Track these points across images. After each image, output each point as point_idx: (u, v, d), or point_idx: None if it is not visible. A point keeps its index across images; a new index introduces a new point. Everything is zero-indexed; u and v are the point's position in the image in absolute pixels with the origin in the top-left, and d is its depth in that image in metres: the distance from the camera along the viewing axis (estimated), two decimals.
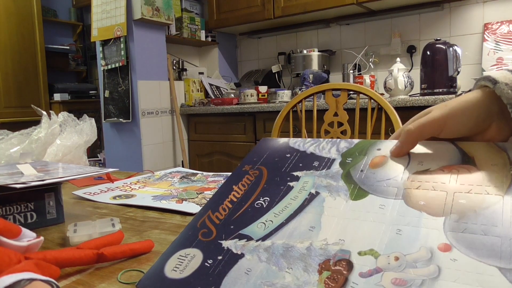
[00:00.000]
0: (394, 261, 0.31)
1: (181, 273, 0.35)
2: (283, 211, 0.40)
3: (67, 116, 1.00)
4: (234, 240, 0.37)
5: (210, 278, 0.33)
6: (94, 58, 3.97)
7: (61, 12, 4.03)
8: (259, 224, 0.39)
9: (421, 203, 0.35)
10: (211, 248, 0.37)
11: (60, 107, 3.55)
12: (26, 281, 0.31)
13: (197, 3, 3.30)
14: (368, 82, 2.42)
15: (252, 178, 0.46)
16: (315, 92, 1.44)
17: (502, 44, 2.28)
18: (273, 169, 0.47)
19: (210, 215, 0.42)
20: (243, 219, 0.40)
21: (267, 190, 0.43)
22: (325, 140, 0.49)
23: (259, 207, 0.41)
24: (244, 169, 0.48)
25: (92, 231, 0.51)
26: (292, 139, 0.52)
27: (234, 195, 0.44)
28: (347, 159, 0.45)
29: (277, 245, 0.35)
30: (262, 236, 0.37)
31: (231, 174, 0.49)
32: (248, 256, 0.35)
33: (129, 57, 2.54)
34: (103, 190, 0.83)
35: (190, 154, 2.91)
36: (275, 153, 0.50)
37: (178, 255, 0.37)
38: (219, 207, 0.43)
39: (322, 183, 0.42)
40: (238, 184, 0.46)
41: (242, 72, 3.38)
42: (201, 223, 0.41)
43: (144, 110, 2.60)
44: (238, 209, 0.42)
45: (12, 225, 0.42)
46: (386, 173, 0.41)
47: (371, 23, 2.77)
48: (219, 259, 0.35)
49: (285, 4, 2.66)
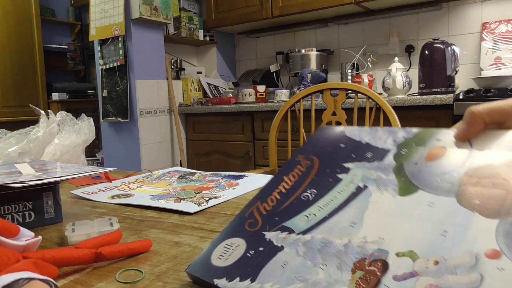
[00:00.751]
0: (433, 265, 0.28)
1: (225, 262, 0.36)
2: (327, 204, 0.39)
3: (65, 116, 1.00)
4: (277, 232, 0.38)
5: (249, 269, 0.34)
6: (92, 58, 3.96)
7: (59, 11, 4.02)
8: (302, 217, 0.38)
9: (476, 202, 0.32)
10: (254, 238, 0.38)
11: (58, 107, 3.55)
12: (25, 281, 0.31)
13: (195, 3, 3.29)
14: (366, 81, 2.42)
15: (303, 168, 0.45)
16: (313, 92, 1.44)
17: (500, 43, 2.29)
18: (325, 160, 0.45)
19: (258, 205, 0.42)
20: (289, 211, 0.40)
21: (316, 182, 0.43)
22: (383, 129, 0.46)
23: (305, 199, 0.41)
24: (297, 159, 0.47)
25: (90, 230, 0.51)
26: (349, 128, 0.49)
27: (283, 186, 0.44)
28: (402, 150, 0.41)
29: (316, 240, 0.35)
30: (303, 230, 0.37)
31: (285, 163, 0.48)
32: (287, 249, 0.35)
33: (127, 57, 2.53)
34: (101, 190, 0.83)
35: (188, 154, 2.91)
36: (330, 143, 0.48)
37: (225, 243, 0.39)
38: (267, 197, 0.43)
39: (372, 176, 0.40)
40: (289, 175, 0.45)
41: (240, 72, 3.38)
42: (250, 214, 0.42)
43: (142, 110, 2.60)
44: (285, 201, 0.42)
45: (10, 225, 0.42)
46: (442, 167, 0.37)
47: (369, 22, 2.77)
48: (260, 250, 0.36)
49: (283, 3, 2.67)
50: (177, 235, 0.54)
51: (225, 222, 0.59)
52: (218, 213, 0.64)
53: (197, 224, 0.58)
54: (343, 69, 2.64)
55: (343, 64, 2.65)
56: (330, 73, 2.90)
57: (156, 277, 0.40)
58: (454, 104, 1.85)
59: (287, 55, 2.97)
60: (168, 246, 0.49)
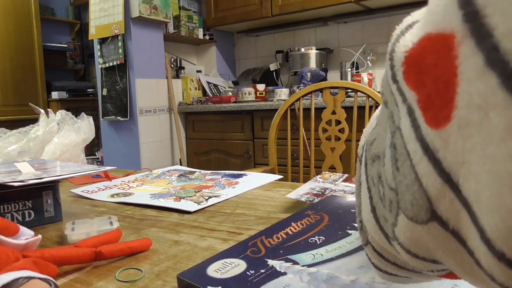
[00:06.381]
0: None
1: (222, 275, 0.35)
2: (335, 249, 0.39)
3: (65, 114, 1.00)
4: (280, 261, 0.37)
5: (248, 284, 0.33)
6: (92, 56, 3.96)
7: (59, 10, 4.02)
8: (308, 255, 0.38)
9: None
10: (256, 262, 0.37)
11: (58, 105, 3.54)
12: (24, 279, 0.31)
13: (195, 1, 3.29)
14: (366, 80, 2.42)
15: (312, 220, 0.46)
16: (313, 90, 1.44)
17: None
18: (335, 218, 0.47)
19: (263, 239, 0.42)
20: (294, 248, 0.40)
21: (324, 232, 0.43)
22: None
23: (312, 242, 0.41)
24: (306, 213, 0.49)
25: (90, 229, 0.51)
26: None
27: (291, 229, 0.44)
28: None
29: (322, 273, 0.34)
30: (308, 264, 0.36)
31: (293, 214, 0.49)
32: (291, 275, 0.34)
33: (127, 55, 2.53)
34: (101, 188, 0.83)
35: (188, 152, 2.91)
36: (341, 207, 0.50)
37: (223, 261, 0.38)
38: (273, 235, 0.43)
39: None
40: (297, 222, 0.46)
41: (240, 70, 3.37)
42: (253, 244, 0.41)
43: (142, 108, 2.60)
44: (291, 240, 0.42)
45: (10, 223, 0.42)
46: None
47: (369, 21, 2.77)
48: (261, 272, 0.35)
49: (282, 2, 2.66)
50: (176, 234, 0.54)
51: (225, 221, 0.59)
52: (218, 212, 0.64)
53: (197, 223, 0.58)
54: (342, 68, 2.64)
55: (342, 62, 2.65)
56: (329, 71, 2.90)
57: (155, 276, 0.40)
58: None
59: (287, 53, 2.97)
60: (167, 245, 0.49)
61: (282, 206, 0.66)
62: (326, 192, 0.66)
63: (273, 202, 0.69)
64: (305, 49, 2.76)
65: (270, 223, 0.57)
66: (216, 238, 0.52)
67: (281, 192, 0.75)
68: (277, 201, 0.69)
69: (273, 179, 0.86)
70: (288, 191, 0.73)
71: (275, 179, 0.86)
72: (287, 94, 2.68)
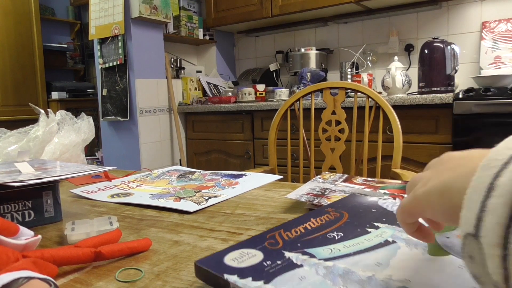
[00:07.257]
0: None
1: (239, 264, 0.36)
2: (353, 245, 0.39)
3: (65, 115, 1.00)
4: (297, 254, 0.37)
5: (263, 274, 0.34)
6: (92, 57, 3.96)
7: (59, 10, 4.01)
8: (325, 249, 0.38)
9: None
10: (273, 254, 0.37)
11: (58, 106, 3.54)
12: (24, 280, 0.31)
13: (195, 2, 3.29)
14: (366, 80, 2.42)
15: (331, 217, 0.46)
16: (313, 91, 1.44)
17: (500, 42, 2.29)
18: (354, 216, 0.47)
19: (281, 232, 0.42)
20: (312, 242, 0.40)
21: (343, 228, 0.43)
22: None
23: (330, 238, 0.41)
24: (326, 210, 0.49)
25: (89, 229, 0.51)
26: (382, 200, 0.51)
27: (309, 225, 0.44)
28: None
29: (338, 267, 0.35)
30: (325, 258, 0.36)
31: (312, 211, 0.48)
32: (307, 267, 0.35)
33: (127, 56, 2.53)
34: (101, 189, 0.83)
35: (188, 153, 2.91)
36: (361, 206, 0.50)
37: (241, 251, 0.38)
38: (292, 229, 0.43)
39: (402, 236, 0.41)
40: (316, 218, 0.46)
41: (240, 71, 3.37)
42: (271, 236, 0.42)
43: (142, 109, 2.60)
44: (309, 234, 0.42)
45: (10, 224, 0.42)
46: None
47: (369, 21, 2.77)
48: (277, 263, 0.36)
49: (283, 2, 2.66)
50: (176, 234, 0.54)
51: (224, 221, 0.59)
52: (218, 212, 0.64)
53: (197, 223, 0.58)
54: (342, 68, 2.64)
55: (342, 63, 2.65)
56: (329, 72, 2.90)
57: (155, 276, 0.40)
58: (453, 103, 1.85)
59: (287, 54, 2.97)
60: (167, 245, 0.49)
61: (282, 207, 0.66)
62: (326, 193, 0.66)
63: (273, 202, 0.69)
64: (305, 49, 2.76)
65: (270, 223, 0.57)
66: (216, 238, 0.52)
67: (281, 193, 0.75)
68: (277, 201, 0.69)
69: (273, 180, 0.86)
70: (288, 192, 0.73)
71: (275, 179, 0.86)
72: (287, 94, 2.68)
